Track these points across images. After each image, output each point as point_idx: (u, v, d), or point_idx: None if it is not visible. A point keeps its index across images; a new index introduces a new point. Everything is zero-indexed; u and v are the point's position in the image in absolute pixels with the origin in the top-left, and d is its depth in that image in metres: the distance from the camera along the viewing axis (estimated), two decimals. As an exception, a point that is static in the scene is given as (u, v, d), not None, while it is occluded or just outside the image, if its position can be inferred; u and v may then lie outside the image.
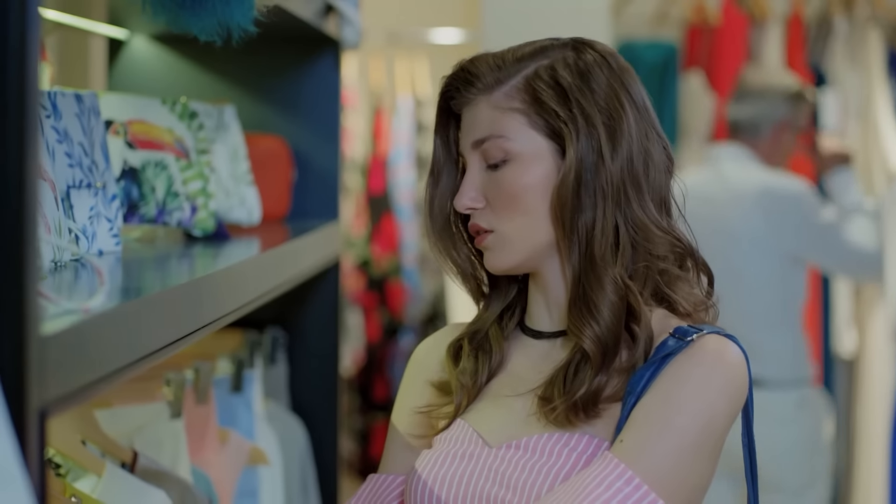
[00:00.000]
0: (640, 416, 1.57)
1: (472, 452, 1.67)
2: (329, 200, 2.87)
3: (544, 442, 1.62)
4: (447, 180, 1.75)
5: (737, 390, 1.60)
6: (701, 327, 1.62)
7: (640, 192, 1.66)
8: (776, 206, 4.06)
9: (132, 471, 2.02)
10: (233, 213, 2.35)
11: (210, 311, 1.59)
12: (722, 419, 1.58)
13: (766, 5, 5.37)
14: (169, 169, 2.14)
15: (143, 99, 2.17)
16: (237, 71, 2.85)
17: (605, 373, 1.60)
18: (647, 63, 5.49)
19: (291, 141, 2.84)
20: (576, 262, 1.64)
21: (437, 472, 1.68)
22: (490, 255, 1.69)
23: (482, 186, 1.68)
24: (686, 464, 1.55)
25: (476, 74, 1.68)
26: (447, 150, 1.75)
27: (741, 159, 4.15)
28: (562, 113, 1.64)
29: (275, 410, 2.76)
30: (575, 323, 1.63)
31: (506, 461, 1.64)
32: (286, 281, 2.24)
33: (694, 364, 1.58)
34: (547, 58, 1.68)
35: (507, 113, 1.66)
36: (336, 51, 2.85)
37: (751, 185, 4.09)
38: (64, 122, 1.85)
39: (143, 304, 1.32)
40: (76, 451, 1.92)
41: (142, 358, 1.29)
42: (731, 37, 5.31)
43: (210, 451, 2.33)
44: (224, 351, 2.65)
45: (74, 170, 1.85)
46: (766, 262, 4.06)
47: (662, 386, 1.58)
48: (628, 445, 1.55)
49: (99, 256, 1.83)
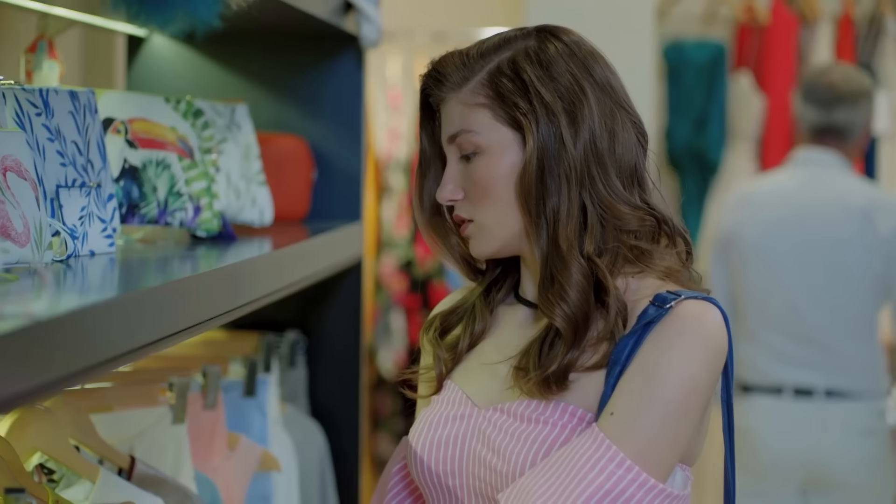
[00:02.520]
0: (625, 388, 1.63)
1: (462, 413, 1.77)
2: (352, 201, 2.82)
3: (524, 408, 1.69)
4: (435, 172, 1.82)
5: (716, 355, 1.65)
6: (679, 292, 1.66)
7: (606, 171, 1.71)
8: (884, 220, 3.99)
9: (129, 477, 1.98)
10: (244, 214, 2.29)
11: (185, 315, 1.53)
12: (704, 384, 1.64)
13: (816, 5, 5.27)
14: (171, 168, 2.09)
15: (145, 97, 2.12)
16: (257, 69, 2.80)
17: (577, 348, 1.67)
18: (695, 63, 5.42)
19: (312, 141, 2.80)
20: (543, 245, 1.71)
21: (433, 435, 1.77)
22: (473, 242, 1.77)
23: (460, 179, 1.76)
24: (671, 433, 1.62)
25: (444, 74, 1.76)
26: (433, 144, 1.82)
27: (837, 165, 4.05)
28: (522, 105, 1.71)
29: (293, 415, 2.71)
30: (544, 303, 1.70)
31: (492, 424, 1.72)
32: (295, 282, 2.19)
33: (674, 332, 1.63)
34: (509, 50, 1.74)
35: (474, 108, 1.73)
36: (358, 49, 2.80)
37: (860, 196, 4.01)
38: (56, 120, 1.81)
39: (103, 308, 1.27)
40: (70, 456, 1.88)
41: (100, 363, 1.24)
42: (780, 36, 5.22)
43: (218, 457, 2.28)
44: (241, 354, 2.60)
45: (67, 168, 1.81)
46: (867, 273, 3.99)
47: (645, 357, 1.64)
48: (616, 420, 1.62)
49: (91, 257, 1.78)
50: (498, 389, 1.75)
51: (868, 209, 3.96)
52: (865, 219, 3.96)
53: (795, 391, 3.98)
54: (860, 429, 3.98)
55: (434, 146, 1.81)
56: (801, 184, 4.04)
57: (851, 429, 3.97)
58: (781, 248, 3.98)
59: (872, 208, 3.97)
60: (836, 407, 3.97)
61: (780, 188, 4.09)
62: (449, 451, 1.75)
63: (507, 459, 1.68)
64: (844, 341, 3.98)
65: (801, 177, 4.06)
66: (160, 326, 1.46)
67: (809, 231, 3.97)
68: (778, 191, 4.09)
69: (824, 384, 3.98)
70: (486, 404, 1.75)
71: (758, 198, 4.09)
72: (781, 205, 4.04)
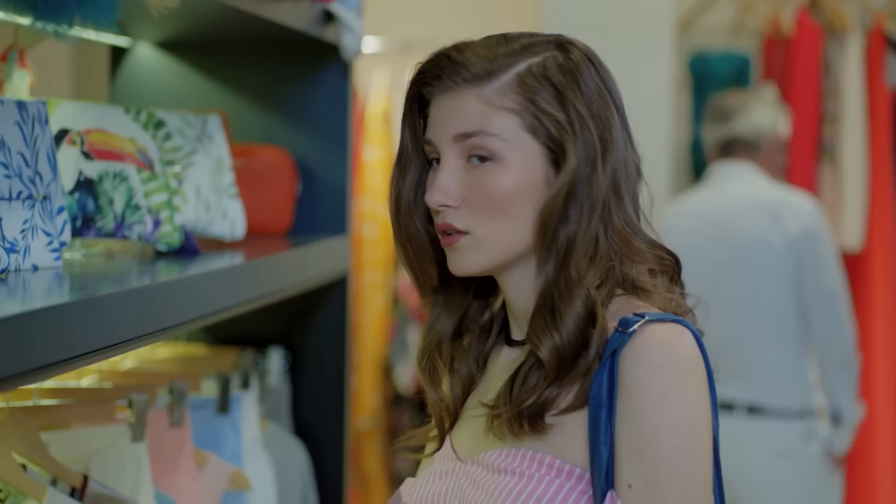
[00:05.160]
0: (624, 449, 1.50)
1: (448, 469, 1.64)
2: (337, 214, 2.76)
3: (495, 458, 1.57)
4: (415, 172, 1.65)
5: (696, 378, 1.52)
6: (643, 314, 1.53)
7: (621, 200, 1.59)
8: (793, 219, 4.04)
9: (82, 497, 1.93)
10: (213, 228, 2.24)
11: (108, 331, 1.48)
12: (699, 415, 1.50)
13: (845, 17, 5.17)
14: (129, 180, 2.04)
15: (104, 107, 2.07)
16: (242, 80, 2.75)
17: (556, 385, 1.53)
18: (720, 74, 5.35)
19: (298, 153, 2.74)
20: (550, 271, 1.56)
21: (420, 493, 1.66)
22: (459, 256, 1.60)
23: (458, 184, 1.58)
24: (692, 478, 1.49)
25: (463, 63, 1.58)
26: (415, 140, 1.65)
27: (747, 173, 4.15)
28: (562, 121, 1.56)
29: (274, 433, 2.65)
30: (535, 331, 1.56)
31: (468, 478, 1.60)
32: (258, 297, 2.14)
33: (648, 368, 1.49)
34: (536, 55, 1.59)
35: (500, 111, 1.57)
36: (345, 61, 2.74)
37: (768, 197, 4.09)
38: (0, 131, 1.76)
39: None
40: (15, 475, 1.83)
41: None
42: (805, 48, 5.12)
43: (184, 476, 2.23)
44: (218, 370, 2.55)
45: (12, 180, 1.76)
46: (779, 274, 4.01)
47: (628, 404, 1.49)
48: (637, 493, 1.49)
49: (34, 271, 1.74)
50: (478, 439, 1.62)
51: (776, 209, 4.00)
52: (773, 218, 3.98)
53: (720, 405, 3.94)
54: (777, 450, 3.94)
55: (417, 143, 1.64)
56: (712, 193, 4.14)
57: (768, 450, 3.93)
58: (694, 254, 3.97)
59: (780, 208, 4.00)
60: (754, 425, 3.94)
61: (693, 201, 4.19)
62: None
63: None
64: (763, 349, 3.96)
65: (712, 188, 4.17)
66: (74, 343, 1.41)
67: (718, 235, 4.02)
68: (690, 204, 4.19)
69: (746, 399, 3.96)
70: (467, 457, 1.63)
71: (671, 215, 4.17)
72: (692, 215, 4.12)
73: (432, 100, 1.62)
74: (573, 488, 1.52)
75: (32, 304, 1.41)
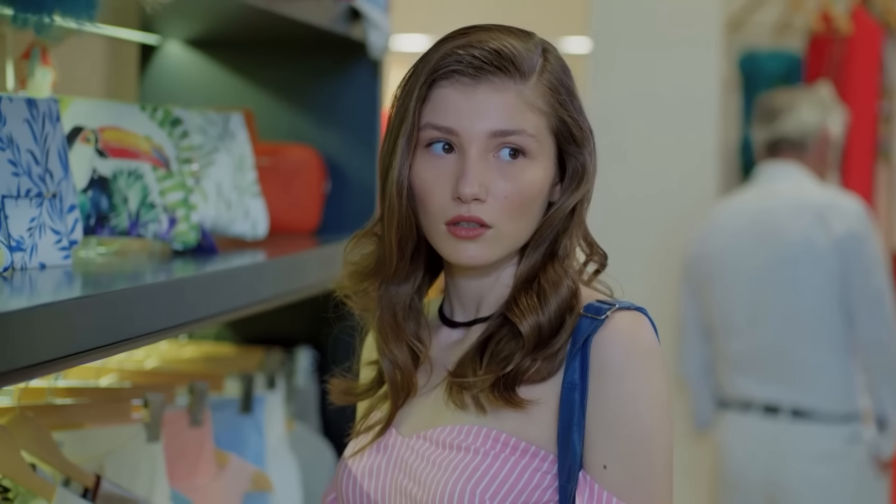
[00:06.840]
0: (598, 433, 1.55)
1: (386, 443, 1.67)
2: (366, 212, 2.74)
3: (446, 434, 1.60)
4: (405, 151, 1.60)
5: (661, 364, 1.58)
6: (612, 302, 1.59)
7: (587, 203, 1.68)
8: (838, 220, 4.00)
9: (94, 497, 1.91)
10: (235, 226, 2.22)
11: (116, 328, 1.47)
12: (665, 397, 1.58)
13: (899, 13, 5.09)
14: (144, 178, 2.02)
15: (120, 105, 2.05)
16: (271, 78, 2.74)
17: (531, 358, 1.58)
18: (770, 73, 5.28)
19: (326, 151, 2.72)
20: (537, 259, 1.63)
21: (358, 464, 1.69)
22: (474, 247, 1.59)
23: (486, 177, 1.57)
24: (663, 460, 1.56)
25: (512, 60, 1.57)
26: (415, 119, 1.60)
27: (795, 174, 4.11)
28: (584, 125, 1.63)
29: (301, 433, 2.63)
30: (520, 308, 1.60)
31: (414, 452, 1.63)
32: (277, 295, 2.12)
33: (622, 354, 1.55)
34: (541, 56, 1.61)
35: (534, 111, 1.59)
36: (374, 59, 2.72)
37: (814, 198, 4.05)
38: (8, 128, 1.75)
39: None
40: (24, 474, 1.82)
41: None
42: (863, 46, 5.04)
43: (204, 476, 2.22)
44: (243, 370, 2.54)
45: (20, 178, 1.75)
46: (823, 276, 3.96)
47: (604, 392, 1.55)
48: (612, 473, 1.55)
49: (41, 270, 1.72)
50: (424, 416, 1.66)
51: (821, 209, 3.94)
52: (819, 219, 3.92)
53: (765, 408, 3.95)
54: (821, 453, 3.90)
55: (415, 126, 1.59)
56: (758, 195, 4.08)
57: (811, 453, 3.90)
58: (738, 256, 3.97)
59: (826, 209, 3.94)
60: (799, 428, 3.91)
61: (739, 202, 4.13)
62: (373, 481, 1.67)
63: (426, 488, 1.59)
64: (808, 352, 3.91)
65: (759, 189, 4.11)
66: (76, 340, 1.40)
67: (763, 235, 3.98)
68: (736, 205, 4.12)
69: (791, 402, 3.93)
70: (410, 432, 1.66)
71: (717, 215, 4.13)
72: (738, 215, 4.06)
73: (452, 87, 1.58)
74: (535, 467, 1.56)
75: (31, 301, 1.40)
